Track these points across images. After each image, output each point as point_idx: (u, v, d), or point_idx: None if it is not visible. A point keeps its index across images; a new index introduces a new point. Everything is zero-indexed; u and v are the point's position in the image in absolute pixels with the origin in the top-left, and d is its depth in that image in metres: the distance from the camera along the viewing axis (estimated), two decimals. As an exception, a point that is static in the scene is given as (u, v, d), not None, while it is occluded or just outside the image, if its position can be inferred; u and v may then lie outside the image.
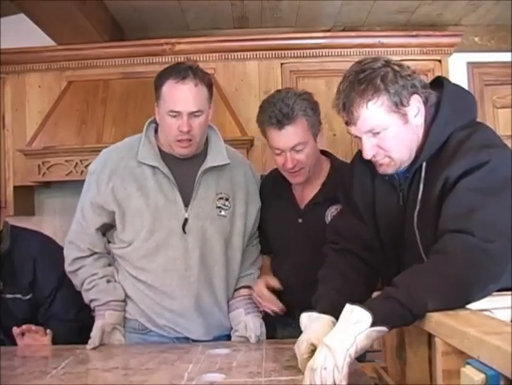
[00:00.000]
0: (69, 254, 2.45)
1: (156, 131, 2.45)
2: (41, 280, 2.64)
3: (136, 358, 2.07)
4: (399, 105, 1.77)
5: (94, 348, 2.23)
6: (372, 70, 1.79)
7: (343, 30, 4.60)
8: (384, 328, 1.50)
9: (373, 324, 1.48)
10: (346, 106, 1.81)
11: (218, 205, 2.39)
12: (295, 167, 2.40)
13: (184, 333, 2.39)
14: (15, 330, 2.37)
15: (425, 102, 1.83)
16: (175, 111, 2.26)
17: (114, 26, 4.52)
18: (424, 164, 1.83)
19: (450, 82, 1.92)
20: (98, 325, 2.32)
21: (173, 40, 4.23)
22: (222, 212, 2.39)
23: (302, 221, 2.54)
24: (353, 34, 4.34)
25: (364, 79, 1.77)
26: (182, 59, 4.15)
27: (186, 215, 2.32)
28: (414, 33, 4.15)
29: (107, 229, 2.45)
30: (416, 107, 1.80)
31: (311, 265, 2.37)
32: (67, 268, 2.46)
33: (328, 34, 4.38)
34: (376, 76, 1.77)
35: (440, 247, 1.62)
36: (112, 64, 4.30)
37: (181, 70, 2.28)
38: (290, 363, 1.86)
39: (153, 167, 2.33)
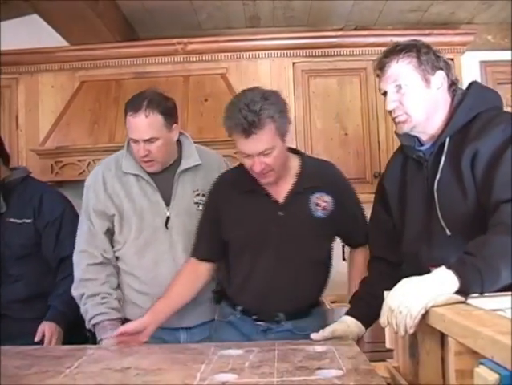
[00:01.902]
0: (82, 262, 2.68)
1: None
2: (46, 207, 3.06)
3: (148, 358, 2.07)
4: (424, 69, 2.06)
5: None
6: (411, 41, 2.12)
7: (355, 30, 4.59)
8: (461, 298, 1.61)
9: (456, 292, 1.61)
10: (381, 61, 2.11)
11: (196, 201, 2.69)
12: (263, 170, 2.35)
13: (179, 323, 2.62)
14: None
15: (450, 85, 2.11)
16: (133, 139, 2.58)
17: (126, 25, 4.53)
18: (447, 140, 2.05)
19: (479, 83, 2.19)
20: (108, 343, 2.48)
21: (185, 40, 4.23)
22: (200, 207, 2.66)
23: (283, 214, 2.44)
24: (365, 33, 4.32)
25: (402, 46, 2.10)
26: (194, 59, 4.22)
27: (168, 213, 2.66)
28: (427, 31, 4.11)
29: (111, 235, 2.72)
30: (439, 81, 2.08)
31: (298, 261, 2.44)
32: (80, 275, 2.67)
33: (340, 33, 4.36)
34: (413, 45, 2.09)
35: (500, 219, 1.74)
36: (125, 64, 4.31)
37: (136, 104, 2.57)
38: (303, 364, 1.84)
39: (136, 175, 2.67)
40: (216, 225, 2.54)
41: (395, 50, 2.10)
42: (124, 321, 2.57)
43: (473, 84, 2.15)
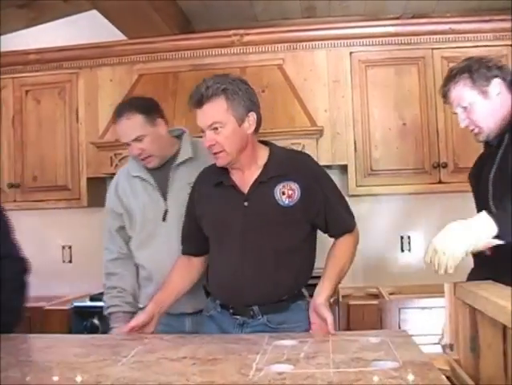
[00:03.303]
0: (104, 258, 2.98)
1: None
2: None
3: (203, 347, 2.08)
4: (479, 85, 2.32)
5: None
6: (463, 62, 2.40)
7: (413, 18, 4.51)
8: (500, 241, 1.96)
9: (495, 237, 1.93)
10: (443, 90, 2.43)
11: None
12: (214, 147, 2.35)
13: (179, 308, 2.73)
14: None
15: (510, 84, 2.35)
16: (125, 143, 2.82)
17: (183, 18, 4.57)
18: (506, 135, 2.29)
19: None
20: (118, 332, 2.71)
21: (242, 31, 4.25)
22: None
23: (248, 204, 2.41)
24: (423, 21, 4.23)
25: (456, 70, 2.39)
26: (251, 50, 4.23)
27: (165, 207, 2.84)
28: (487, 18, 4.03)
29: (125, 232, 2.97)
30: (497, 89, 2.32)
31: (265, 250, 2.39)
32: (104, 269, 2.97)
33: (397, 21, 4.30)
34: (464, 66, 2.37)
35: None
36: (182, 57, 4.35)
37: (118, 111, 2.81)
38: (358, 355, 1.83)
39: (139, 176, 2.89)
40: (194, 221, 2.57)
41: (450, 76, 2.40)
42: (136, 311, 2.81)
43: None
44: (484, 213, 1.97)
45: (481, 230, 1.94)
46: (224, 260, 2.46)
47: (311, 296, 2.44)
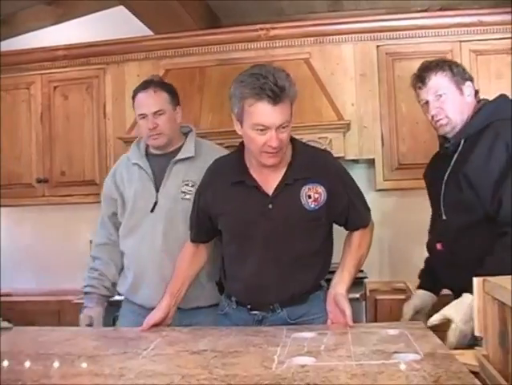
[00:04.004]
0: (94, 241, 3.08)
1: None
2: None
3: (222, 340, 2.09)
4: (457, 80, 2.46)
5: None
6: (441, 59, 2.57)
7: (440, 10, 4.46)
8: None
9: None
10: (421, 76, 2.50)
11: (183, 190, 2.83)
12: (278, 147, 2.24)
13: (150, 302, 2.68)
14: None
15: (475, 94, 2.50)
16: (142, 114, 2.84)
17: (209, 13, 4.58)
18: (462, 142, 2.44)
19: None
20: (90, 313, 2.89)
21: (268, 25, 4.23)
22: (186, 196, 2.81)
23: (272, 207, 2.35)
24: (450, 13, 4.16)
25: (436, 62, 2.51)
26: (277, 44, 4.23)
27: (156, 199, 2.85)
28: (516, 9, 3.98)
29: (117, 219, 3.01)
30: (469, 90, 2.48)
31: (288, 254, 2.37)
32: (92, 253, 3.06)
33: (425, 14, 4.25)
34: (444, 61, 2.54)
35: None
36: (208, 51, 4.35)
37: (144, 84, 2.89)
38: (378, 347, 1.83)
39: (137, 164, 2.91)
40: (204, 213, 2.53)
41: (431, 66, 2.49)
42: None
43: (499, 97, 2.52)
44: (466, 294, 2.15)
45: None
46: (244, 261, 2.43)
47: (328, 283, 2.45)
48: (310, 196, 2.34)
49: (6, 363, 1.85)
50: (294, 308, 2.41)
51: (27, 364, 1.84)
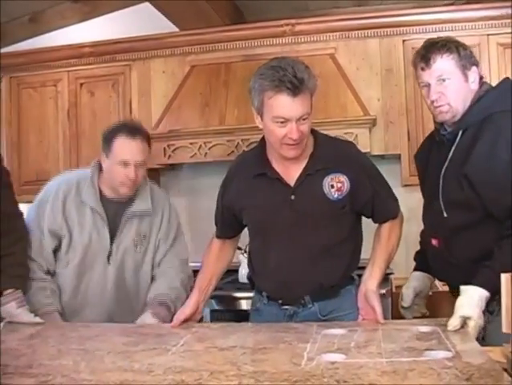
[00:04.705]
0: (31, 268, 2.76)
1: (99, 172, 2.86)
2: None
3: (251, 337, 2.09)
4: (464, 64, 2.26)
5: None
6: (447, 38, 2.35)
7: (467, 3, 4.41)
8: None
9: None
10: (425, 56, 2.27)
11: (136, 243, 2.83)
12: (298, 139, 2.22)
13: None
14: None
15: (480, 79, 2.31)
16: (124, 161, 2.69)
17: (234, 9, 4.57)
18: (460, 132, 2.28)
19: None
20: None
21: (293, 21, 4.23)
22: (138, 248, 2.84)
23: (295, 198, 2.34)
24: (477, 6, 4.11)
25: (443, 42, 2.28)
26: (302, 40, 4.22)
27: (110, 248, 2.79)
28: (545, 2, 3.93)
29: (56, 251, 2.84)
30: (473, 76, 2.29)
31: (314, 245, 2.36)
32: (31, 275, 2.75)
33: (451, 7, 4.21)
34: (452, 41, 2.30)
35: None
36: (233, 47, 4.36)
37: (131, 129, 2.76)
38: (410, 344, 1.82)
39: (92, 207, 2.78)
40: (229, 209, 2.53)
41: (437, 46, 2.27)
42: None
43: (503, 82, 2.38)
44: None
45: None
46: (271, 253, 2.44)
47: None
48: (332, 186, 2.34)
49: (36, 357, 1.88)
50: (325, 302, 2.41)
51: (58, 359, 1.86)
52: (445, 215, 2.30)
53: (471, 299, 2.02)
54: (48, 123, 4.67)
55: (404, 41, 4.15)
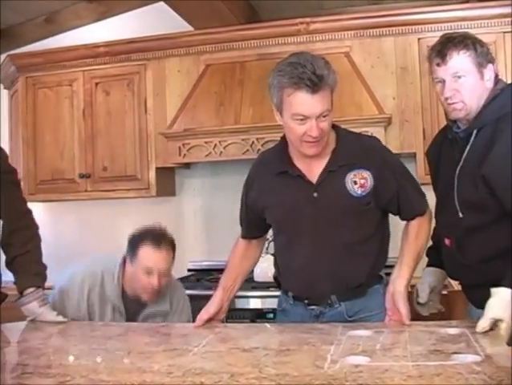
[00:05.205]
0: None
1: (124, 269, 2.81)
2: None
3: (275, 338, 2.08)
4: (480, 62, 2.20)
5: None
6: (465, 33, 2.26)
7: (482, 1, 4.38)
8: None
9: None
10: (441, 51, 2.20)
11: None
12: (318, 136, 2.20)
13: None
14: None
15: (495, 77, 2.26)
16: (150, 268, 2.66)
17: (249, 8, 4.58)
18: (474, 132, 2.23)
19: None
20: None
21: (308, 19, 4.22)
22: None
23: (318, 195, 2.32)
24: (492, 4, 4.08)
25: (460, 38, 2.21)
26: (317, 38, 4.21)
27: None
28: None
29: None
30: (489, 74, 2.24)
31: (339, 243, 2.34)
32: None
33: (466, 5, 4.18)
34: (468, 37, 2.23)
35: None
36: (248, 46, 4.35)
37: (158, 238, 2.74)
38: (437, 347, 1.79)
39: (114, 305, 2.74)
40: (253, 209, 2.52)
41: (454, 42, 2.21)
42: None
43: None
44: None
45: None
46: (295, 252, 2.41)
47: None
48: (355, 183, 2.31)
49: (56, 357, 1.89)
50: (352, 302, 2.38)
51: (77, 359, 1.87)
52: (461, 215, 2.26)
53: (502, 301, 1.98)
54: (64, 122, 4.68)
55: (419, 39, 4.13)
